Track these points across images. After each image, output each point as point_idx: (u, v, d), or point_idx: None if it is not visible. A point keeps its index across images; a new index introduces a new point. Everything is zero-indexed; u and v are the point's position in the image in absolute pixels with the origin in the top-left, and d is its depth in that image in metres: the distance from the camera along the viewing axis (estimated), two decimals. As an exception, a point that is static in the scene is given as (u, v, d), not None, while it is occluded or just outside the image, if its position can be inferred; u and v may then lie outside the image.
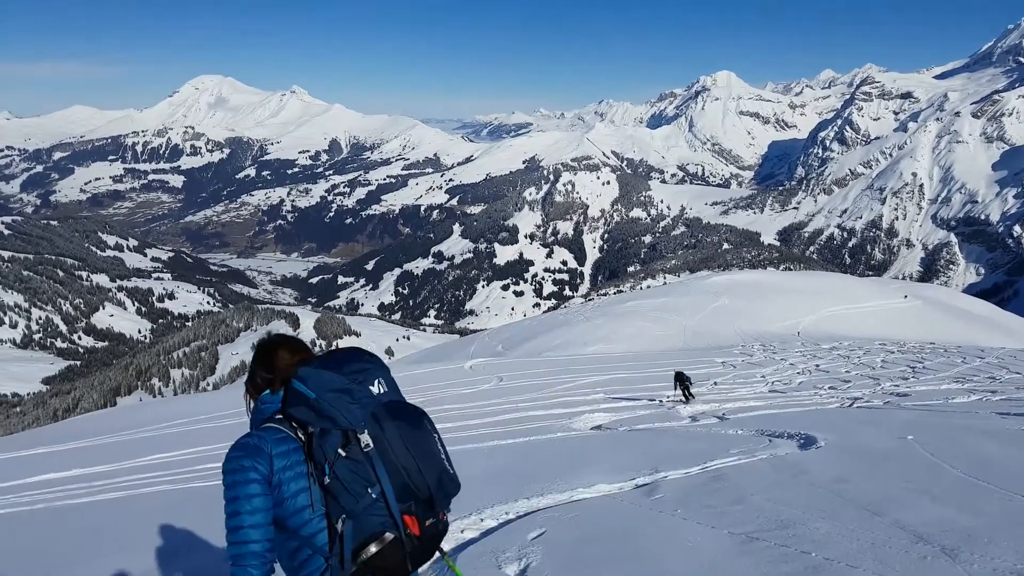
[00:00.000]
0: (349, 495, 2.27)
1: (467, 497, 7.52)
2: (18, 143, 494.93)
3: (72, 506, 9.14)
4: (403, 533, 2.29)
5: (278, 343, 2.81)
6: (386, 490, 2.27)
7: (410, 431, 2.39)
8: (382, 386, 2.49)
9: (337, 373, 2.42)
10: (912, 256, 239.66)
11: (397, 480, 2.30)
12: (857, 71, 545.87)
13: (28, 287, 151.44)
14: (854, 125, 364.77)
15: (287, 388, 2.51)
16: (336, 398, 2.35)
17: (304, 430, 2.41)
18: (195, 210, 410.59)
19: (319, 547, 2.32)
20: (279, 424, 2.46)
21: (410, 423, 2.42)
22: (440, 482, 2.37)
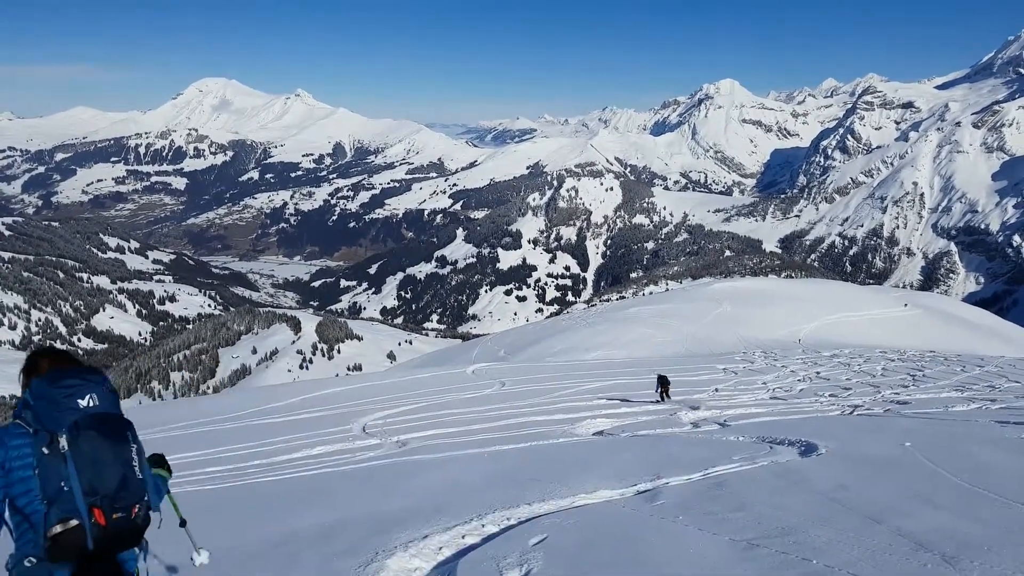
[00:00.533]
0: (49, 485, 2.81)
1: (468, 502, 7.56)
2: (20, 144, 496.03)
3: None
4: (87, 521, 2.79)
5: (41, 354, 3.29)
6: (73, 485, 2.79)
7: (102, 439, 2.91)
8: (93, 400, 2.98)
9: (53, 386, 2.94)
10: (913, 265, 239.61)
11: (84, 478, 2.81)
12: (859, 80, 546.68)
13: (28, 288, 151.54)
14: (856, 134, 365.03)
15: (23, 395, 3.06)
16: (44, 406, 2.91)
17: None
18: (197, 212, 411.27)
19: (34, 523, 2.86)
20: (22, 421, 2.97)
21: (105, 432, 2.94)
22: (122, 484, 2.88)
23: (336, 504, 8.33)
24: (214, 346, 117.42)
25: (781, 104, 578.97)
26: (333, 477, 10.61)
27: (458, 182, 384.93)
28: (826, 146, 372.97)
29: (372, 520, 7.13)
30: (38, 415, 2.93)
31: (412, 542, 6.12)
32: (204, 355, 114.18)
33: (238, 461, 12.98)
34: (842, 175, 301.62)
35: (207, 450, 14.62)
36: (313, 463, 12.28)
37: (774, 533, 5.51)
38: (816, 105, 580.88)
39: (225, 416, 21.86)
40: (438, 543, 6.15)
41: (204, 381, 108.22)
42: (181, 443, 16.30)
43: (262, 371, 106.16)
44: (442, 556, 5.87)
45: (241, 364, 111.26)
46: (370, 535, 6.44)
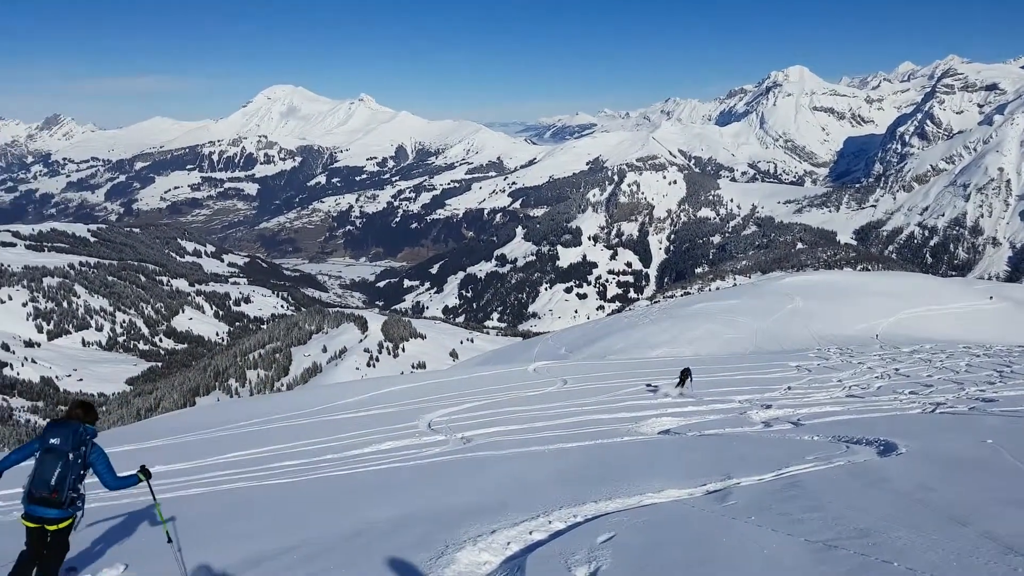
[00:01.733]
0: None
1: (534, 498, 7.59)
2: (102, 154, 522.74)
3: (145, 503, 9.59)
4: (25, 498, 5.49)
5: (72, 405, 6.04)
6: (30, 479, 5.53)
7: (43, 455, 5.55)
8: (56, 438, 5.61)
9: (47, 428, 5.74)
10: (999, 255, 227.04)
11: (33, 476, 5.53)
12: (938, 63, 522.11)
13: (113, 292, 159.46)
14: (935, 119, 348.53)
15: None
16: (38, 437, 5.71)
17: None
18: (269, 217, 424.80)
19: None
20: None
21: (45, 452, 5.57)
22: (32, 482, 5.50)
23: (405, 498, 8.49)
24: (287, 345, 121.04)
25: (854, 90, 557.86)
26: (401, 472, 10.82)
27: (517, 180, 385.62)
28: (903, 132, 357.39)
29: (440, 514, 7.25)
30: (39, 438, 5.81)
31: (480, 536, 6.19)
32: (278, 354, 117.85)
33: (312, 456, 13.37)
34: (921, 162, 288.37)
35: (283, 444, 15.12)
36: (382, 458, 12.54)
37: (852, 535, 5.34)
38: (892, 90, 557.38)
39: (299, 412, 22.56)
40: (506, 538, 6.20)
41: (278, 379, 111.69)
42: (260, 438, 16.91)
43: (332, 369, 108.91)
44: (510, 551, 5.92)
45: (312, 362, 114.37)
46: (439, 529, 6.55)
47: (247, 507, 8.89)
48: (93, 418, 5.86)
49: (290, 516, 8.15)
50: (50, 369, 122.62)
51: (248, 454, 14.23)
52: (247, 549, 6.58)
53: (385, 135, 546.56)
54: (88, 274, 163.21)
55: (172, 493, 9.94)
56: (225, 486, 10.51)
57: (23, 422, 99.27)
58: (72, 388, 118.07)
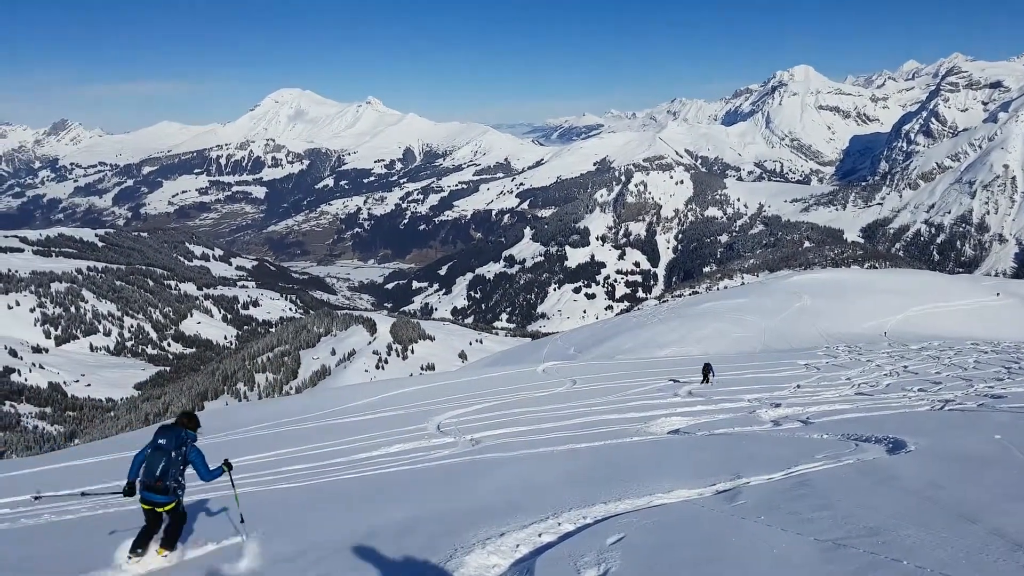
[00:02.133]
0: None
1: (543, 500, 7.60)
2: (110, 159, 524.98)
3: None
4: (140, 486, 6.60)
5: (179, 415, 7.06)
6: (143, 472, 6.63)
7: (152, 452, 6.65)
8: (163, 439, 6.68)
9: (156, 431, 6.76)
10: (1005, 252, 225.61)
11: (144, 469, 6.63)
12: (943, 61, 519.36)
13: (121, 296, 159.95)
14: (940, 117, 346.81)
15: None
16: (151, 440, 6.73)
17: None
18: (277, 220, 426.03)
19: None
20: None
21: (154, 450, 6.67)
22: (142, 471, 6.61)
23: (414, 501, 8.52)
24: (295, 348, 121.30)
25: (859, 88, 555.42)
26: (410, 474, 10.84)
27: (524, 181, 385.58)
28: (908, 130, 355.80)
29: (449, 517, 7.26)
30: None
31: (489, 539, 6.20)
32: (286, 357, 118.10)
33: (321, 459, 13.41)
34: (927, 160, 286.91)
35: (292, 448, 15.17)
36: (391, 461, 12.57)
37: (862, 533, 5.33)
38: (896, 88, 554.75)
39: (308, 416, 22.63)
40: (515, 541, 6.21)
41: (287, 382, 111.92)
42: (268, 442, 16.96)
43: (341, 371, 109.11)
44: (519, 554, 5.93)
45: (321, 365, 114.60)
46: (447, 532, 6.56)
47: (256, 511, 8.93)
48: (195, 425, 6.98)
49: (299, 519, 8.19)
50: (58, 375, 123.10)
51: (257, 458, 14.28)
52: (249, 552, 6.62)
53: (392, 137, 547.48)
54: (96, 279, 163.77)
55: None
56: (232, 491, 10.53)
57: (31, 428, 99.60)
58: (80, 394, 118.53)
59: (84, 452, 20.21)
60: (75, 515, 9.61)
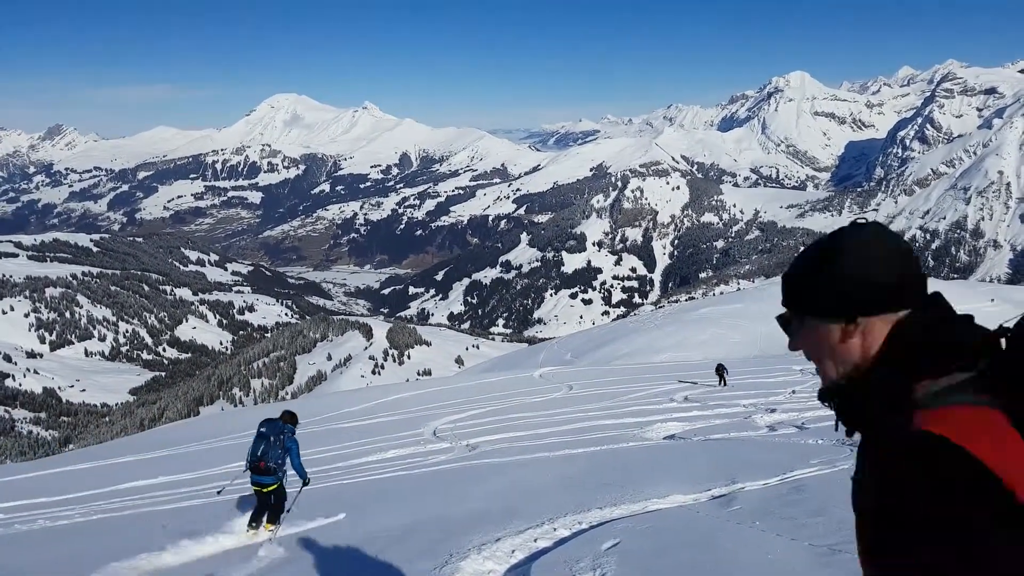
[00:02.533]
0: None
1: (539, 506, 7.59)
2: (105, 164, 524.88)
3: (156, 512, 9.61)
4: (247, 470, 7.93)
5: (282, 413, 8.34)
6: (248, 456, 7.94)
7: (256, 439, 7.95)
8: (264, 428, 7.98)
9: (260, 423, 8.09)
10: (1000, 258, 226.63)
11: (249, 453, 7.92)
12: (938, 67, 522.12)
13: (116, 301, 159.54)
14: (935, 123, 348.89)
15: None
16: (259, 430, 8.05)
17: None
18: (273, 225, 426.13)
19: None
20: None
21: (257, 438, 7.96)
22: (249, 458, 7.87)
23: (410, 506, 8.49)
24: (291, 353, 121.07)
25: (855, 95, 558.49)
26: (406, 480, 10.82)
27: (521, 187, 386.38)
28: (904, 136, 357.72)
29: (445, 523, 7.25)
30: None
31: (485, 545, 6.18)
32: (282, 362, 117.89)
33: (317, 464, 13.37)
34: (922, 166, 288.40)
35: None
36: (387, 466, 12.54)
37: (856, 539, 5.32)
38: (892, 95, 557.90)
39: (304, 421, 22.57)
40: (511, 546, 6.19)
41: (283, 387, 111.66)
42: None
43: (337, 377, 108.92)
44: (515, 559, 5.91)
45: (317, 370, 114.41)
46: (444, 537, 6.54)
47: (245, 517, 8.89)
48: (294, 421, 8.38)
49: (295, 525, 8.16)
50: (52, 380, 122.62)
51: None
52: (249, 559, 6.60)
53: (389, 143, 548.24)
54: (91, 284, 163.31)
55: (174, 504, 9.95)
56: (228, 497, 10.50)
57: (25, 433, 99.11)
58: (75, 399, 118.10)
59: (80, 457, 20.13)
60: (69, 520, 9.57)
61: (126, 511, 9.74)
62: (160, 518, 8.82)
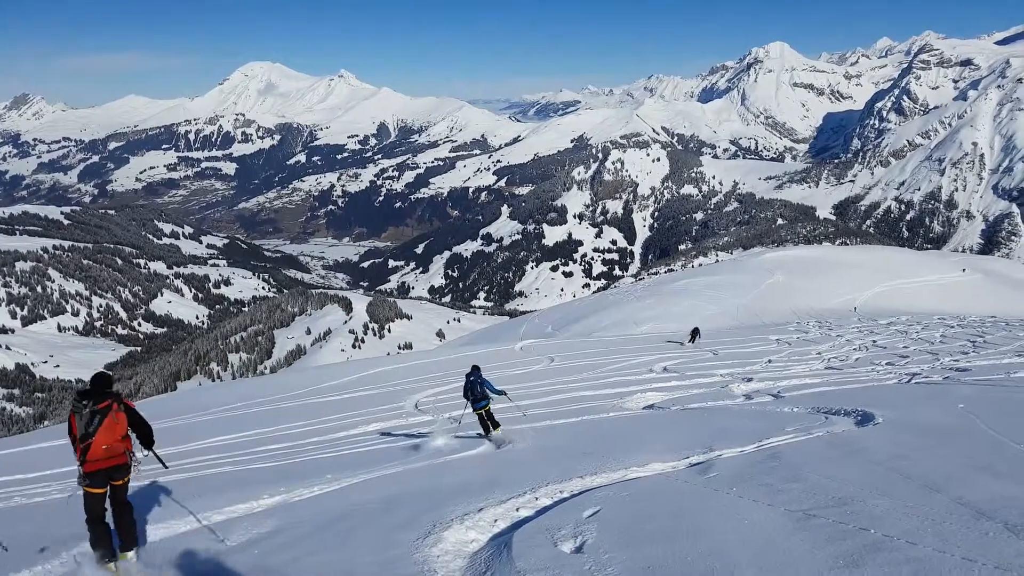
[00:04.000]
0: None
1: (521, 476, 7.68)
2: (74, 134, 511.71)
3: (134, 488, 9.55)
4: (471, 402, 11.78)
5: (472, 367, 12.24)
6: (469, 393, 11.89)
7: (467, 383, 11.86)
8: (472, 376, 11.86)
9: (468, 372, 12.04)
10: (972, 228, 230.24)
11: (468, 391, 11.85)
12: (915, 39, 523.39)
13: (88, 275, 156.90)
14: (912, 95, 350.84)
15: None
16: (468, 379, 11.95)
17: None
18: (248, 197, 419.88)
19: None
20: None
21: (468, 383, 11.82)
22: (470, 394, 11.76)
23: (392, 479, 8.56)
24: (269, 328, 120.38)
25: (833, 66, 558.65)
26: (388, 453, 10.88)
27: (502, 158, 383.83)
28: (881, 108, 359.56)
29: (427, 494, 7.31)
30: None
31: (468, 515, 6.26)
32: (260, 336, 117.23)
33: (296, 439, 13.39)
34: (898, 137, 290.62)
35: (267, 428, 15.12)
36: (369, 439, 12.60)
37: (830, 503, 5.47)
38: (870, 66, 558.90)
39: (283, 395, 22.52)
40: (493, 516, 6.28)
41: (261, 362, 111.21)
42: (243, 422, 16.88)
43: (316, 351, 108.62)
44: (497, 528, 6.00)
45: (296, 344, 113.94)
46: (426, 509, 6.61)
47: (230, 490, 8.90)
48: (478, 369, 12.01)
49: (278, 499, 8.18)
50: (25, 356, 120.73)
51: (231, 438, 14.21)
52: (231, 531, 6.62)
53: (366, 112, 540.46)
54: (62, 258, 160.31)
55: (152, 479, 9.91)
56: (208, 471, 10.50)
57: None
58: (49, 375, 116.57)
59: (55, 434, 19.96)
60: (46, 497, 9.52)
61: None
62: (140, 492, 8.80)
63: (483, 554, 5.37)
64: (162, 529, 6.92)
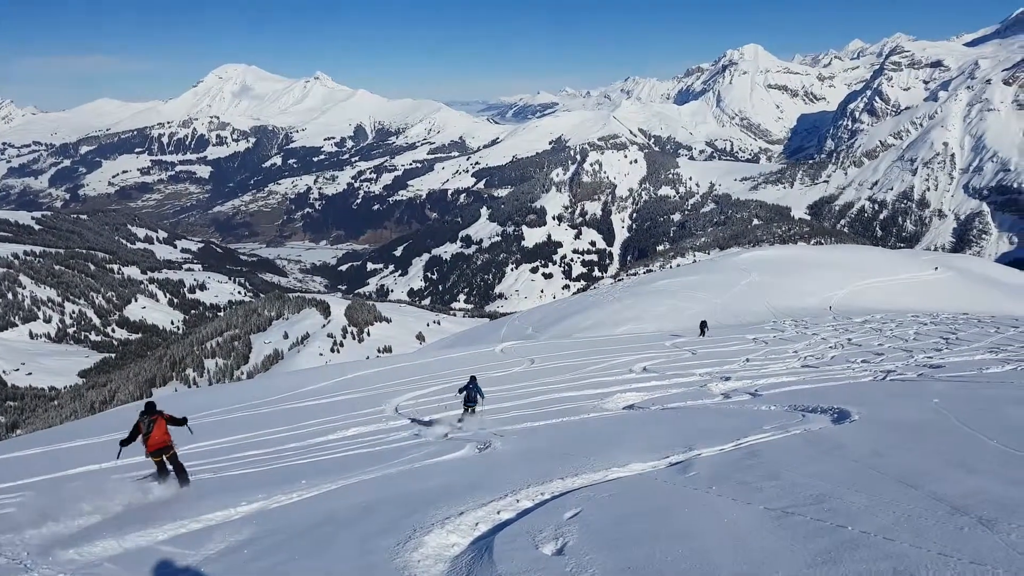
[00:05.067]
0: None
1: (502, 478, 7.66)
2: (45, 138, 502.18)
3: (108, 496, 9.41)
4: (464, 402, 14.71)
5: (470, 377, 15.08)
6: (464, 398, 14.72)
7: (465, 389, 14.74)
8: (469, 384, 14.72)
9: (467, 381, 14.94)
10: (944, 227, 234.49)
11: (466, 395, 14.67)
12: (886, 40, 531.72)
13: (60, 281, 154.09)
14: (884, 96, 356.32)
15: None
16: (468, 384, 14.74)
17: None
18: (223, 200, 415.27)
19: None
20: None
21: (465, 387, 14.74)
22: (465, 396, 14.66)
23: (372, 484, 8.50)
24: (246, 332, 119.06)
25: (807, 68, 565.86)
26: (368, 458, 10.80)
27: (480, 160, 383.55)
28: (853, 109, 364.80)
29: (408, 498, 7.27)
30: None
31: (449, 519, 6.23)
32: (237, 341, 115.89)
33: (276, 444, 13.26)
34: (870, 138, 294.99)
35: (246, 434, 14.94)
36: (348, 444, 12.50)
37: (808, 501, 5.52)
38: (842, 67, 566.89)
39: (260, 401, 22.28)
40: (474, 519, 6.25)
41: (238, 367, 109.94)
42: (221, 428, 16.66)
43: (294, 355, 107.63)
44: (478, 532, 5.98)
45: (274, 349, 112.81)
46: (406, 513, 6.57)
47: (208, 497, 8.80)
48: (475, 381, 14.56)
49: (256, 505, 8.08)
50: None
51: (210, 444, 14.04)
52: (208, 539, 6.54)
53: (343, 114, 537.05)
54: (34, 264, 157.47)
55: (128, 487, 9.76)
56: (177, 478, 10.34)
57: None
58: (21, 383, 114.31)
59: (28, 443, 19.59)
60: (18, 508, 9.33)
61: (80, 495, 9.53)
62: (116, 501, 8.66)
63: (464, 558, 5.35)
64: (140, 538, 6.82)
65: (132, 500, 8.71)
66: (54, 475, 11.93)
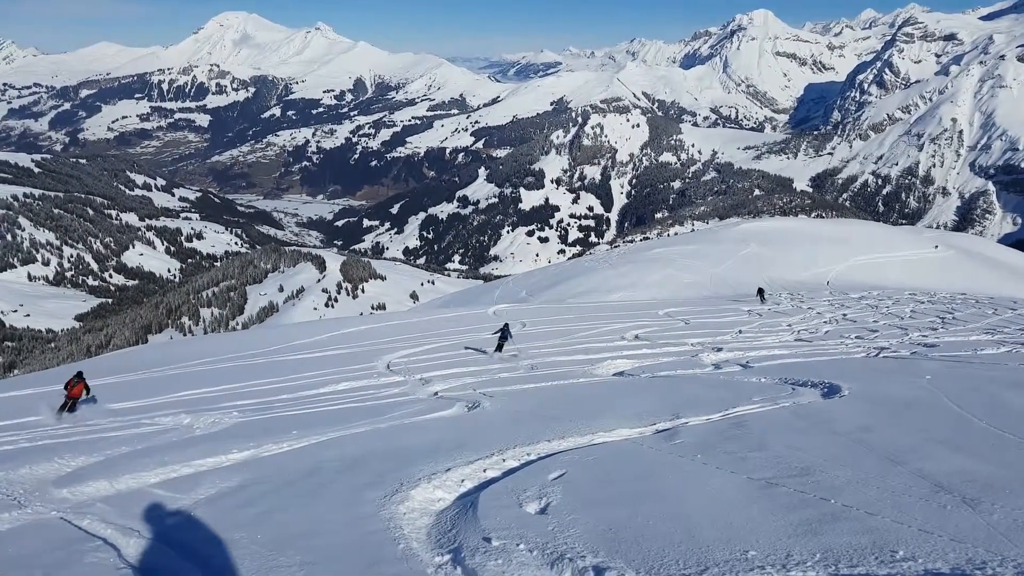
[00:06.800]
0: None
1: (489, 438, 7.70)
2: (46, 80, 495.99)
3: (102, 439, 9.45)
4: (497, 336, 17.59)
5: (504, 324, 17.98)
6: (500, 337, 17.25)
7: (500, 330, 17.76)
8: (502, 327, 17.73)
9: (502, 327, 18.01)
10: (948, 205, 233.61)
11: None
12: (900, 11, 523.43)
13: (59, 225, 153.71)
14: (894, 68, 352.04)
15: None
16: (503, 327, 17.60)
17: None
18: (221, 150, 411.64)
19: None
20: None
21: (501, 330, 17.69)
22: (499, 334, 17.64)
23: (362, 437, 8.53)
24: (242, 283, 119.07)
25: (817, 36, 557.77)
26: (358, 412, 10.84)
27: (480, 119, 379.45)
28: (862, 80, 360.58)
29: (396, 453, 7.31)
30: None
31: (435, 475, 6.27)
32: (233, 292, 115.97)
33: (265, 395, 13.29)
34: (878, 111, 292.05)
35: (236, 384, 14.98)
36: (338, 398, 12.55)
37: (793, 473, 5.55)
38: (853, 37, 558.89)
39: (253, 352, 22.31)
40: (460, 476, 6.30)
41: (233, 317, 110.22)
42: (213, 377, 16.71)
43: (289, 308, 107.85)
44: (464, 488, 6.02)
45: (269, 301, 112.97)
46: (394, 467, 6.60)
47: (199, 444, 8.84)
48: (508, 327, 17.35)
49: (245, 454, 8.12)
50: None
51: (200, 392, 14.07)
52: (198, 484, 6.58)
53: (343, 67, 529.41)
54: (33, 206, 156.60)
55: (122, 431, 9.80)
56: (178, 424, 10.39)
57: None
58: (19, 324, 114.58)
59: (25, 383, 19.65)
60: (14, 446, 9.37)
61: (73, 438, 9.57)
62: (110, 444, 8.69)
63: (449, 513, 5.40)
64: (131, 480, 6.85)
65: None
66: (46, 417, 11.97)
